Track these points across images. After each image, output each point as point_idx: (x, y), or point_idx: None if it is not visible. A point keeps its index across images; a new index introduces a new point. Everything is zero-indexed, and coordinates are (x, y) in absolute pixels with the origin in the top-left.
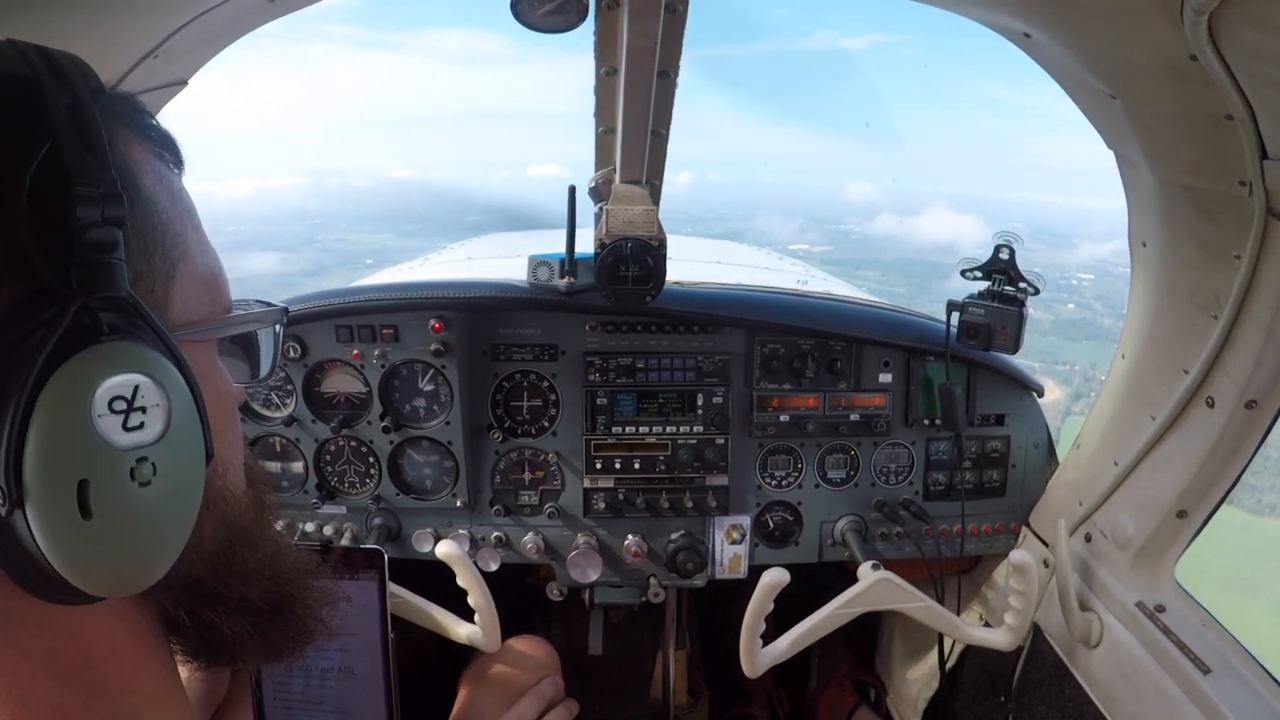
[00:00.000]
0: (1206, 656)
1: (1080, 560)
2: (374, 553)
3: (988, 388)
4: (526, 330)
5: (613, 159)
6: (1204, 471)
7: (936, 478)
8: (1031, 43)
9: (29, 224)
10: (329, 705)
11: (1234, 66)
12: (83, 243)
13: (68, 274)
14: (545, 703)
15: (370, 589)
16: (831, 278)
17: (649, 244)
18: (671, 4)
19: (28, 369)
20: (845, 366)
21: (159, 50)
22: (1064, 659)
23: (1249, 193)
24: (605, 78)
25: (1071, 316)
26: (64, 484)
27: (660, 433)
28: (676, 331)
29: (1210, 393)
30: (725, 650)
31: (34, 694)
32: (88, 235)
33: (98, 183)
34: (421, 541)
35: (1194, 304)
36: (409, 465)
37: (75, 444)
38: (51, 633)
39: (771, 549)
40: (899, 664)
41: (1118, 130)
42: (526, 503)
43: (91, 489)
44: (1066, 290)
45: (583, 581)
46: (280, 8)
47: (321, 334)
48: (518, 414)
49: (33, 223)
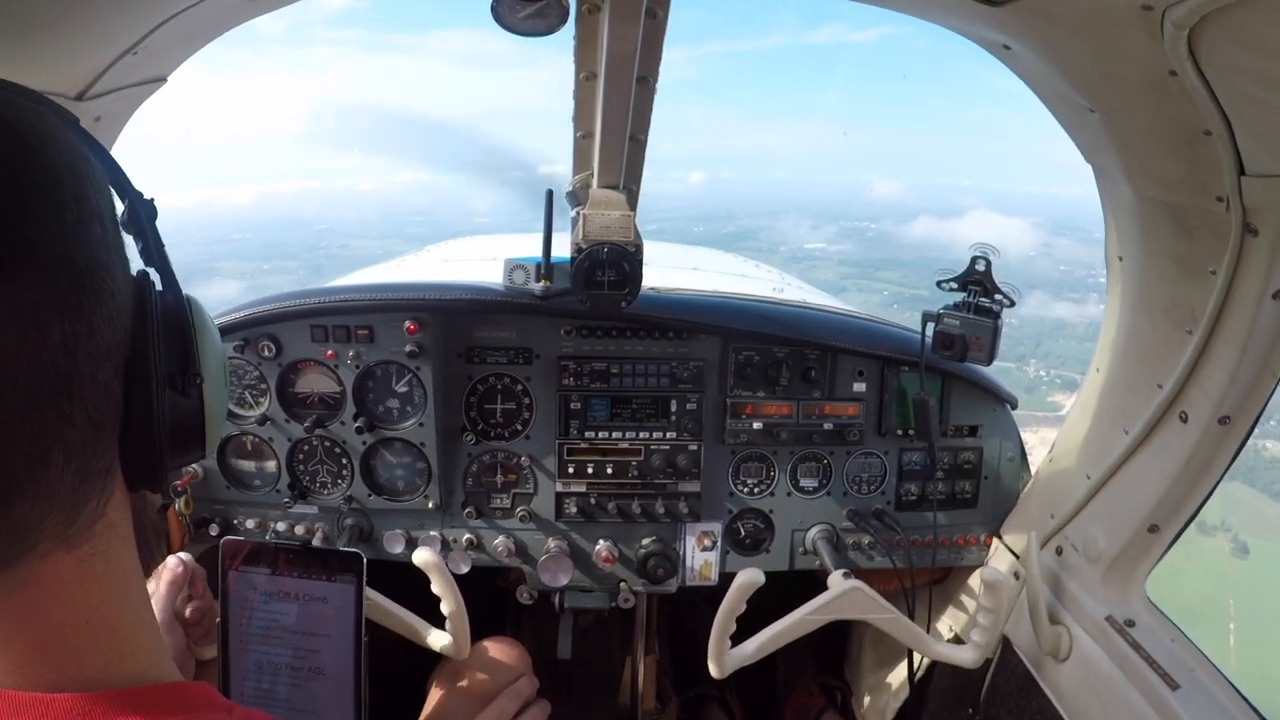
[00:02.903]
0: (1175, 672)
1: (1051, 573)
2: (353, 556)
3: (962, 399)
4: (502, 333)
5: (591, 163)
6: (1176, 486)
7: (909, 488)
8: (1011, 55)
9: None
10: (295, 704)
11: (1213, 82)
12: (156, 242)
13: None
14: (521, 701)
15: (347, 592)
16: (808, 286)
17: (626, 249)
18: (652, 9)
19: (182, 308)
20: (820, 375)
21: (138, 47)
22: (1033, 672)
23: (1226, 208)
24: (584, 82)
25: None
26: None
27: (634, 438)
28: (651, 337)
29: (1184, 407)
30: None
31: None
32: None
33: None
34: (393, 543)
35: (1170, 318)
36: (382, 466)
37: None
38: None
39: (743, 556)
40: (868, 672)
41: (1096, 144)
42: (499, 506)
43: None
44: (1094, 289)
45: (553, 585)
46: (260, 6)
47: (296, 333)
48: (491, 417)
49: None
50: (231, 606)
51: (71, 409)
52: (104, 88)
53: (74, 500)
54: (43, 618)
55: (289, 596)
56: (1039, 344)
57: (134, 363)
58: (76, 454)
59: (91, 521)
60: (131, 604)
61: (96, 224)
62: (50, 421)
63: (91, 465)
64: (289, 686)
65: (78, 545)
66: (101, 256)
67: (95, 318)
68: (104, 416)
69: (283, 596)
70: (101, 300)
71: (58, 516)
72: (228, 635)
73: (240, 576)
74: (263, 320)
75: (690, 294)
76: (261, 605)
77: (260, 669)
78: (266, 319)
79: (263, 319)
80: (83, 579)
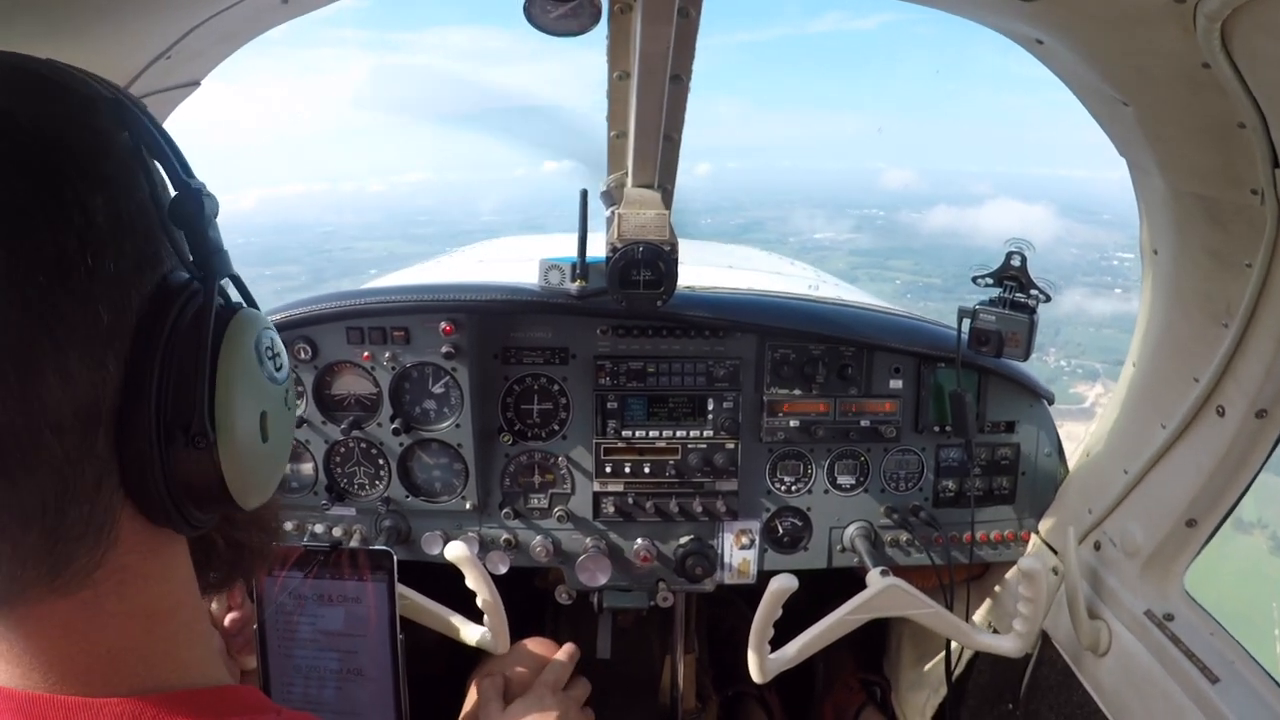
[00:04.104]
0: (1215, 665)
1: (1089, 568)
2: (383, 554)
3: (998, 394)
4: (538, 333)
5: (625, 163)
6: (1214, 480)
7: (946, 484)
8: (1044, 49)
9: (166, 225)
10: (336, 706)
11: (1246, 74)
12: (209, 236)
13: (205, 261)
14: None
15: (380, 591)
16: (843, 283)
17: (661, 248)
18: (684, 8)
19: (204, 338)
20: (856, 372)
21: (171, 51)
22: (1072, 667)
23: (1260, 201)
24: (618, 82)
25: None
26: (252, 417)
27: (670, 437)
28: (687, 336)
29: (1221, 401)
30: (733, 655)
31: (127, 649)
32: (210, 230)
33: (200, 184)
34: (431, 544)
35: (1205, 312)
36: (419, 467)
37: (256, 385)
38: (155, 584)
39: (781, 554)
40: (907, 669)
41: (1130, 137)
42: (536, 506)
43: (269, 418)
44: (1110, 273)
45: (591, 585)
46: (294, 8)
47: (332, 335)
48: (528, 417)
49: (167, 223)
50: (266, 612)
51: (19, 482)
52: (138, 92)
53: (51, 561)
54: (59, 649)
55: (322, 598)
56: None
57: (124, 413)
58: (36, 522)
59: (86, 572)
60: (163, 631)
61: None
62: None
63: (65, 529)
64: (328, 689)
65: (74, 592)
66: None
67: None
68: (76, 480)
69: (316, 599)
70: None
71: (33, 575)
72: (265, 641)
73: (272, 581)
74: (298, 323)
75: (725, 292)
76: (295, 608)
77: (300, 672)
78: (302, 321)
79: (298, 321)
80: (93, 617)
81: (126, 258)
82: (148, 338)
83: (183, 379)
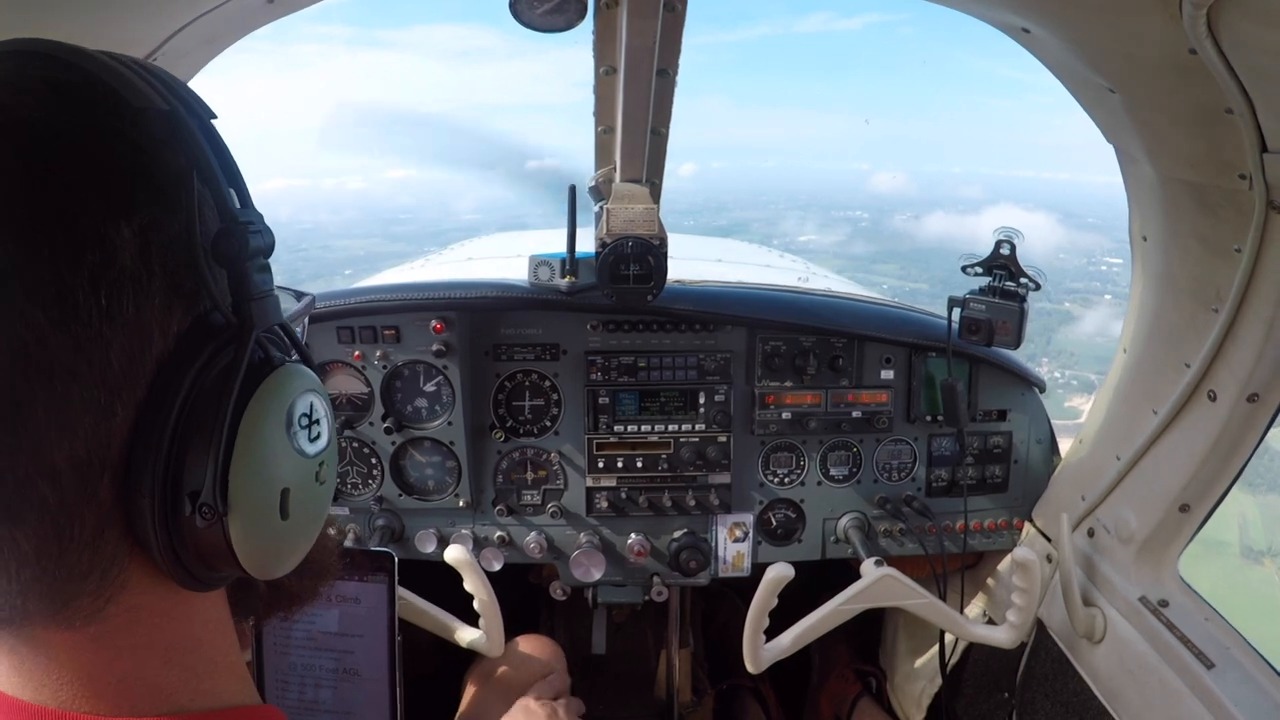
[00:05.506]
0: (1210, 651)
1: (1083, 555)
2: (384, 555)
3: (989, 383)
4: (528, 330)
5: (613, 158)
6: (1206, 465)
7: (939, 474)
8: (1031, 38)
9: (206, 260)
10: (332, 706)
11: (1233, 60)
12: (252, 279)
13: (242, 308)
14: (554, 694)
15: (379, 592)
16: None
17: (650, 243)
18: (670, 3)
19: (226, 398)
20: (847, 363)
21: (158, 52)
22: (1067, 654)
23: (1249, 186)
24: (604, 77)
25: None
26: (271, 493)
27: (662, 431)
28: (678, 330)
29: (1212, 386)
30: (729, 648)
31: (141, 679)
32: (258, 272)
33: (253, 217)
34: (424, 542)
35: (1195, 298)
36: (411, 466)
37: (280, 458)
38: (174, 621)
39: (774, 546)
40: (902, 659)
41: (1117, 124)
42: (529, 502)
43: (292, 495)
44: (1098, 279)
45: (586, 581)
46: (280, 8)
47: (323, 335)
48: (520, 414)
49: (208, 258)
50: None
51: (9, 528)
52: None
53: (53, 598)
54: (68, 673)
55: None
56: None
57: (131, 466)
58: (31, 565)
59: (94, 609)
60: (183, 662)
61: None
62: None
63: (65, 570)
64: (324, 690)
65: (81, 626)
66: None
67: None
68: (72, 526)
69: None
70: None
71: (34, 608)
72: (261, 640)
73: None
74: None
75: (715, 285)
76: None
77: (296, 672)
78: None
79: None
80: (100, 650)
81: (152, 297)
82: (165, 387)
83: (197, 441)
